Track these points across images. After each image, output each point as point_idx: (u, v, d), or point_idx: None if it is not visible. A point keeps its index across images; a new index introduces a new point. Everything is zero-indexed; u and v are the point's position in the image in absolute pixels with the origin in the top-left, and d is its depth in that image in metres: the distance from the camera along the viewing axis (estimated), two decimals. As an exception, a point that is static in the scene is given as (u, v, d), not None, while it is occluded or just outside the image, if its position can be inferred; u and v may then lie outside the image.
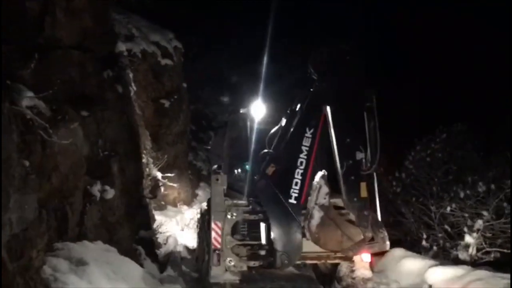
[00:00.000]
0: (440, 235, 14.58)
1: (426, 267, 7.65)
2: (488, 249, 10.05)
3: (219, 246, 6.98)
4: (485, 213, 11.54)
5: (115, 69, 8.58)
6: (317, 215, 6.83)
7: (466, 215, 12.67)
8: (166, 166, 17.35)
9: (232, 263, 6.97)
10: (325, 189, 6.92)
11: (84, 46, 7.97)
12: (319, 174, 6.98)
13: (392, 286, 7.68)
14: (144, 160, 9.66)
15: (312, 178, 7.06)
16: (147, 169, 10.10)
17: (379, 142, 7.56)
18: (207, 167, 23.99)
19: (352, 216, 7.20)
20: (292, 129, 7.27)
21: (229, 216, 7.10)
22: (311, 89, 7.26)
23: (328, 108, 7.03)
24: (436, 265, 7.63)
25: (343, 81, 7.10)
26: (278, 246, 6.77)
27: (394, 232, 18.14)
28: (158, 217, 13.53)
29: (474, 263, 9.94)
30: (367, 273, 7.87)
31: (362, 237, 7.10)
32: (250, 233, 7.35)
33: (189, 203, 18.60)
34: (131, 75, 11.73)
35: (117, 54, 9.20)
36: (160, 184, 15.49)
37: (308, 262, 8.02)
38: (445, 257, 11.06)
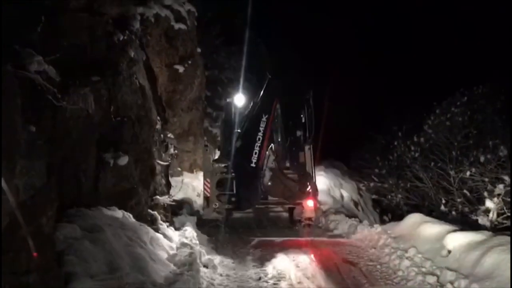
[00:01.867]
0: (459, 200, 14.32)
1: (445, 232, 7.42)
2: (508, 214, 9.77)
3: (208, 195, 10.29)
4: (506, 177, 11.21)
5: (126, 33, 8.26)
6: (267, 174, 10.28)
7: (486, 179, 12.36)
8: (182, 132, 17.26)
9: (217, 206, 10.03)
10: (272, 157, 10.53)
11: (93, 9, 7.69)
12: (270, 146, 10.39)
13: (410, 252, 7.50)
14: (158, 126, 9.45)
15: (267, 150, 10.18)
16: (161, 135, 9.90)
17: (313, 124, 11.20)
18: (223, 133, 23.84)
19: (294, 176, 10.74)
20: (253, 115, 10.23)
21: (215, 175, 10.24)
22: (266, 86, 10.32)
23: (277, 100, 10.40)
24: (455, 230, 7.38)
25: (288, 81, 10.78)
26: (243, 196, 9.75)
27: (412, 198, 18.03)
28: (174, 183, 13.50)
29: (494, 228, 9.70)
30: (311, 214, 10.45)
31: (298, 189, 10.37)
32: (227, 186, 9.89)
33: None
34: (143, 39, 11.45)
35: (128, 17, 8.87)
36: (175, 150, 15.43)
37: (270, 206, 11.26)
38: (464, 223, 10.85)
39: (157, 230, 7.45)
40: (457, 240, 6.93)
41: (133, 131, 7.79)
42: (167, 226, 8.08)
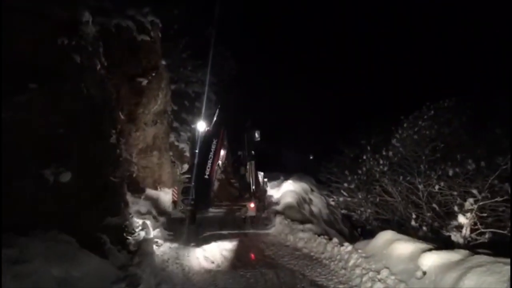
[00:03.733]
0: (428, 214, 13.91)
1: (419, 252, 6.84)
2: (483, 230, 9.31)
3: (175, 199, 12.74)
4: (474, 191, 10.85)
5: (74, 38, 7.47)
6: (216, 183, 13.39)
7: (455, 193, 11.99)
8: (145, 147, 16.36)
9: (181, 208, 12.52)
10: (219, 171, 13.81)
11: (37, 10, 6.89)
12: (218, 163, 13.32)
13: (383, 273, 6.86)
14: (112, 140, 8.58)
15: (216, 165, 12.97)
16: (118, 150, 9.04)
17: (252, 145, 14.59)
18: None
19: (236, 184, 14.36)
20: (206, 139, 12.98)
21: (181, 184, 12.90)
22: (215, 118, 13.73)
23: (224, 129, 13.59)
24: (430, 249, 6.80)
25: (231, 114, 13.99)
26: (198, 199, 12.03)
27: (382, 212, 17.61)
28: (134, 200, 12.60)
29: (468, 245, 9.24)
30: (252, 213, 13.05)
31: (238, 194, 13.97)
32: (189, 192, 12.28)
33: (170, 185, 17.62)
34: (100, 49, 10.62)
35: (78, 22, 8.06)
36: (135, 166, 14.54)
37: (223, 207, 13.67)
38: (435, 239, 10.37)
39: (105, 255, 6.56)
40: (432, 260, 6.33)
41: (81, 144, 6.93)
42: (119, 250, 7.17)
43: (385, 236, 7.97)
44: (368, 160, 18.77)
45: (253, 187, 13.73)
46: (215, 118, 13.88)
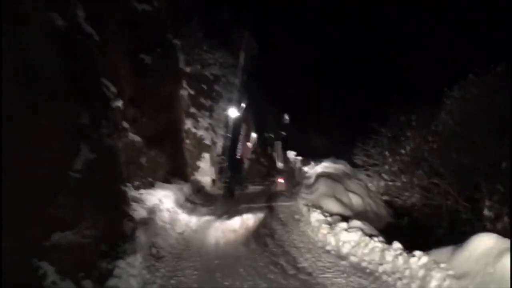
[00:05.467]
0: (488, 203, 10.99)
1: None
2: None
3: (214, 178, 15.17)
4: None
5: None
6: (247, 162, 14.24)
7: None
8: (155, 134, 13.79)
9: (219, 185, 14.17)
10: (249, 151, 14.71)
11: None
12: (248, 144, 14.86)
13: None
14: (76, 114, 5.93)
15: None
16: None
17: (281, 127, 15.47)
18: (211, 136, 20.44)
19: (266, 163, 16.95)
20: (236, 124, 13.57)
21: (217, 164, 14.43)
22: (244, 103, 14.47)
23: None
24: None
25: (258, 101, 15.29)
26: (232, 177, 13.06)
27: (432, 197, 14.55)
28: (140, 196, 10.07)
29: None
30: (282, 187, 13.61)
31: (266, 171, 16.27)
32: (224, 171, 13.39)
33: (186, 177, 15.07)
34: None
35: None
36: (144, 155, 12.03)
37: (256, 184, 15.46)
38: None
39: None
40: None
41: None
42: (74, 284, 4.55)
43: (483, 243, 4.96)
44: (413, 137, 15.88)
45: (280, 164, 14.51)
46: (243, 105, 14.48)
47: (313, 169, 15.53)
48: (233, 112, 13.84)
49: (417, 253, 5.71)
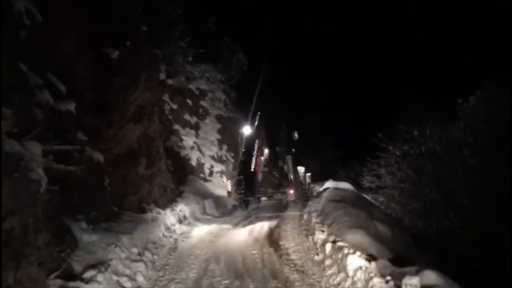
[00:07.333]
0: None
1: None
2: None
3: (230, 190, 14.06)
4: None
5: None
6: (260, 175, 14.20)
7: None
8: (126, 151, 10.64)
9: (235, 196, 13.96)
10: (262, 164, 14.75)
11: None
12: (261, 158, 14.57)
13: None
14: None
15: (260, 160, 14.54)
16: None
17: (290, 143, 16.28)
18: (196, 157, 17.36)
19: (277, 175, 15.41)
20: (250, 139, 14.59)
21: (232, 177, 14.13)
22: (257, 121, 15.40)
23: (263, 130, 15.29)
24: None
25: (269, 118, 15.74)
26: (247, 189, 13.30)
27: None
28: (98, 237, 6.89)
29: None
30: (291, 198, 14.10)
31: (278, 183, 15.01)
32: (239, 184, 13.53)
33: (165, 205, 11.81)
34: None
35: None
36: (106, 177, 8.89)
37: (268, 195, 15.04)
38: None
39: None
40: None
41: None
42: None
43: None
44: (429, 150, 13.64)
45: (291, 176, 14.59)
46: (256, 123, 15.22)
47: (324, 192, 12.53)
48: (247, 130, 15.20)
49: None
